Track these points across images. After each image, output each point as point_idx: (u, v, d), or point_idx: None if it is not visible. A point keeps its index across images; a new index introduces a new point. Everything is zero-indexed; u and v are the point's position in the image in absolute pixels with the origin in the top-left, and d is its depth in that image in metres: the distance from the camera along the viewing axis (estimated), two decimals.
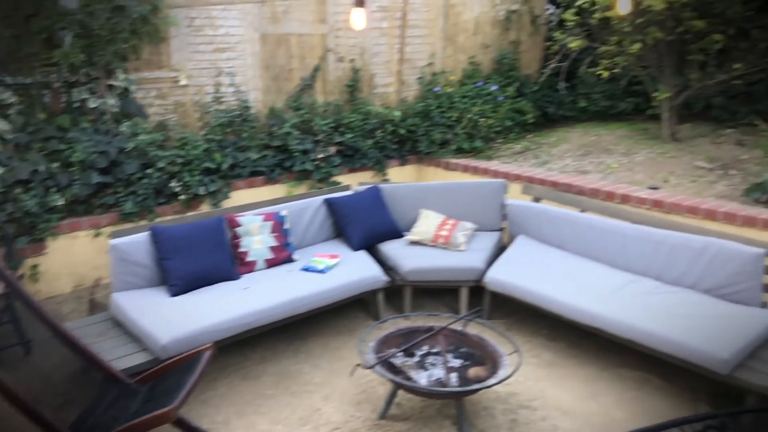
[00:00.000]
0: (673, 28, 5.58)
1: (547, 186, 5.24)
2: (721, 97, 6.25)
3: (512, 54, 7.18)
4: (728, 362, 3.25)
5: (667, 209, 4.54)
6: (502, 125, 6.52)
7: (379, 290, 4.43)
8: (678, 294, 3.88)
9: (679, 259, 4.00)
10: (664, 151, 5.69)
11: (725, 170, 5.13)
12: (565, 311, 3.96)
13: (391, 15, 6.46)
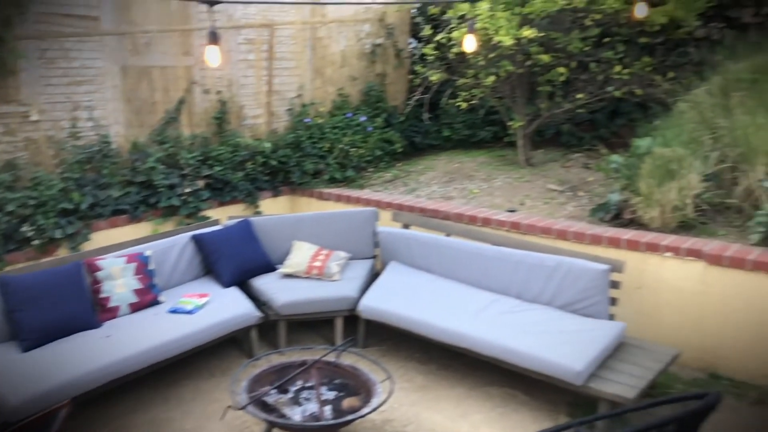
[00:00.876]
0: (522, 62, 6.03)
1: (416, 212, 5.43)
2: (568, 124, 6.80)
3: (379, 86, 7.41)
4: (582, 374, 3.51)
5: (524, 230, 4.85)
6: (373, 155, 6.69)
7: (253, 327, 4.36)
8: (536, 311, 4.15)
9: (536, 278, 4.28)
10: (520, 175, 6.10)
11: (574, 192, 5.58)
12: (434, 334, 4.11)
13: (258, 47, 6.47)
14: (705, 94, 5.11)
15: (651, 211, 4.48)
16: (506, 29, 5.29)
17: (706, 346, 4.10)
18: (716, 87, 5.09)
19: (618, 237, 4.40)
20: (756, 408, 3.70)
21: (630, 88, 5.91)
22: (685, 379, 4.04)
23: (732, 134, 4.61)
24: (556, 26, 5.89)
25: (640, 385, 3.49)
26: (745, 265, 3.87)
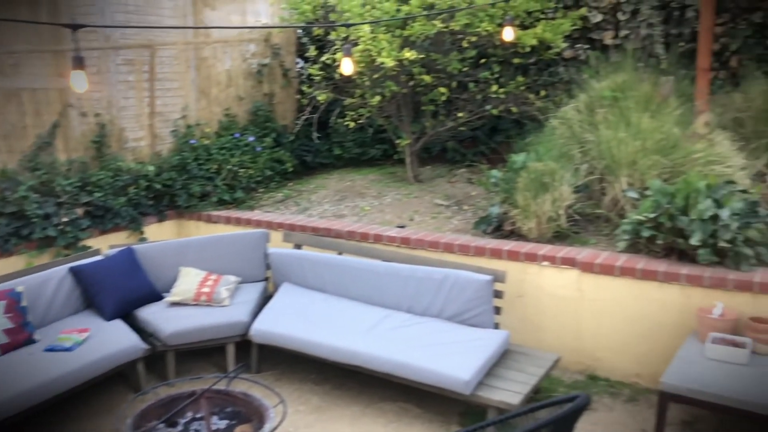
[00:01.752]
0: (406, 82, 6.21)
1: (308, 232, 5.43)
2: (453, 141, 7.07)
3: (267, 106, 7.37)
4: (470, 383, 3.65)
5: (414, 245, 4.98)
6: (263, 175, 6.63)
7: (139, 360, 4.18)
8: (426, 324, 4.27)
9: (425, 291, 4.41)
10: (409, 192, 6.26)
11: (460, 206, 5.79)
12: (328, 354, 4.12)
13: (138, 68, 6.25)
14: (573, 111, 5.48)
15: (528, 222, 4.73)
16: (388, 51, 5.43)
17: (583, 349, 4.38)
18: (583, 104, 5.48)
19: (499, 248, 4.62)
20: (629, 405, 3.98)
21: (506, 106, 6.23)
22: (567, 382, 4.29)
23: (598, 148, 4.97)
24: (437, 48, 6.13)
25: (524, 390, 3.67)
26: (614, 271, 4.17)
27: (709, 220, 3.88)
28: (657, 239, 4.09)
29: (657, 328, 4.05)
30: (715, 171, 4.39)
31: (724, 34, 5.94)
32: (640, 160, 4.61)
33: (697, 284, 3.88)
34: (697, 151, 4.47)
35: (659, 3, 6.23)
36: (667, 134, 4.61)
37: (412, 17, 5.57)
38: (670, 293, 3.99)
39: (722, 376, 3.31)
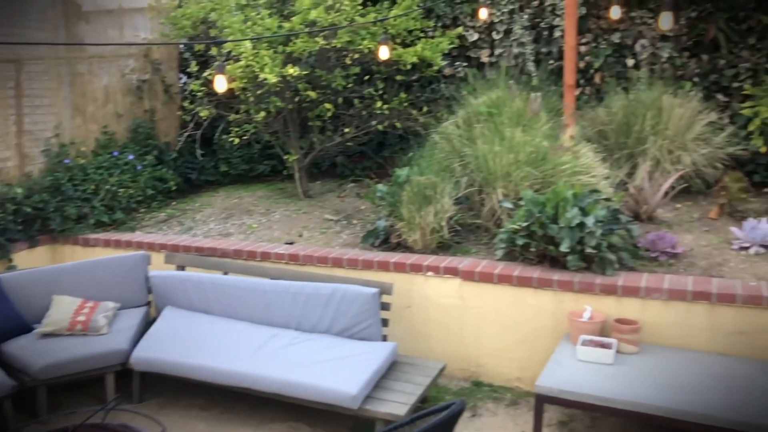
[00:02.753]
0: (291, 98, 6.20)
1: (192, 252, 5.28)
2: (342, 156, 7.12)
3: (148, 123, 7.11)
4: (357, 397, 3.67)
5: (302, 262, 4.96)
6: (144, 194, 6.39)
7: (5, 398, 3.88)
8: (315, 341, 4.25)
9: (314, 308, 4.40)
10: (298, 207, 6.23)
11: (349, 221, 5.84)
12: (214, 377, 4.02)
13: (3, 85, 5.85)
14: (453, 126, 5.69)
15: (413, 234, 4.84)
16: (270, 67, 5.40)
17: (468, 356, 4.53)
18: (461, 120, 5.70)
19: (387, 260, 4.69)
20: (511, 409, 4.15)
21: (391, 122, 6.37)
22: (453, 389, 4.41)
23: (476, 161, 5.18)
24: (322, 64, 6.17)
25: (411, 401, 3.74)
26: (493, 278, 4.35)
27: (576, 227, 4.14)
28: (531, 247, 4.31)
29: (534, 333, 4.26)
30: (581, 181, 4.69)
31: (588, 52, 6.39)
32: (513, 172, 4.85)
33: (568, 289, 4.12)
34: (565, 163, 4.77)
35: (530, 23, 6.60)
36: (537, 147, 4.88)
37: (294, 34, 5.59)
38: (544, 299, 4.21)
39: (591, 377, 3.53)
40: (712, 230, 4.71)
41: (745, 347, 3.67)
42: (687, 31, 6.06)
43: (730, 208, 4.96)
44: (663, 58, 6.10)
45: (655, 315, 3.88)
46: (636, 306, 3.94)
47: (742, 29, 5.86)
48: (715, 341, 3.74)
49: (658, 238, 4.33)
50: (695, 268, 4.14)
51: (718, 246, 4.40)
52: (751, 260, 4.14)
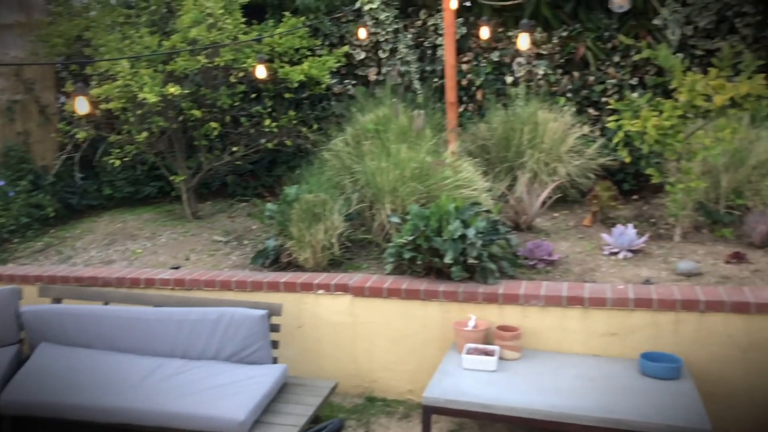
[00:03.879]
0: (175, 118, 6.03)
1: (71, 283, 4.99)
2: (233, 175, 6.99)
3: (21, 146, 6.69)
4: (245, 423, 3.58)
5: (189, 286, 4.80)
6: (18, 223, 6.00)
7: None
8: (201, 368, 4.11)
9: (200, 334, 4.26)
10: (186, 230, 6.05)
11: (239, 241, 5.72)
12: (93, 415, 3.80)
13: None
14: (342, 143, 5.73)
15: (304, 252, 4.82)
16: (150, 86, 5.23)
17: (360, 372, 4.54)
18: (350, 137, 5.75)
19: (277, 281, 4.63)
20: (403, 422, 4.19)
21: (280, 139, 6.33)
22: (347, 407, 4.40)
23: (365, 177, 5.23)
24: (207, 83, 6.05)
25: (300, 423, 3.69)
26: (382, 293, 4.39)
27: (458, 239, 4.26)
28: (417, 260, 4.39)
29: (423, 345, 4.33)
30: (463, 194, 4.84)
31: (469, 70, 6.64)
32: (400, 187, 4.94)
33: (453, 299, 4.23)
34: (447, 177, 4.91)
35: (414, 43, 6.79)
36: (421, 163, 5.00)
37: (175, 52, 5.44)
38: (431, 310, 4.30)
39: (475, 384, 3.64)
40: (586, 237, 4.99)
41: (616, 348, 3.90)
42: (559, 49, 6.43)
43: (602, 215, 5.28)
44: (539, 75, 6.44)
45: (535, 321, 4.05)
46: (517, 313, 4.09)
47: (608, 48, 6.29)
48: (589, 343, 3.94)
49: (536, 246, 4.54)
50: (570, 274, 4.36)
51: (591, 252, 4.67)
52: (620, 264, 4.42)
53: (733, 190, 4.94)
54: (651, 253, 4.55)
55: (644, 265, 4.36)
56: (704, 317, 3.72)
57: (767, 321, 3.61)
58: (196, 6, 5.49)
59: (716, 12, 5.90)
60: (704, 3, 5.90)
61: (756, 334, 3.63)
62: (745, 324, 3.65)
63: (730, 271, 4.15)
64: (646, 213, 5.47)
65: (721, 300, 3.69)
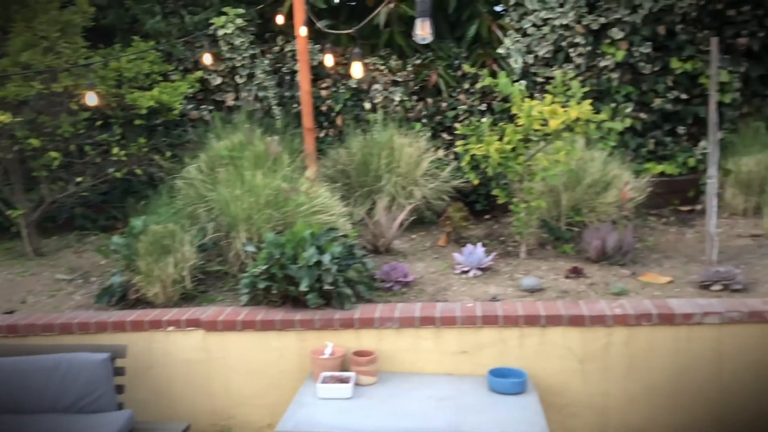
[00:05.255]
0: (10, 147, 5.55)
1: None
2: (81, 207, 6.54)
3: None
4: None
5: (24, 333, 4.38)
6: None
7: None
8: (36, 423, 3.73)
9: (34, 385, 3.87)
10: (25, 269, 5.55)
11: (85, 279, 5.33)
12: None
13: None
14: (196, 170, 5.53)
15: (153, 288, 4.56)
16: None
17: (217, 409, 4.33)
18: (204, 164, 5.57)
19: (123, 320, 4.34)
20: None
21: (130, 168, 6.01)
22: None
23: (220, 206, 5.07)
24: (47, 109, 5.63)
25: None
26: (236, 326, 4.24)
27: (314, 266, 4.21)
28: (272, 289, 4.29)
29: (281, 376, 4.22)
30: (321, 220, 4.82)
31: (329, 96, 6.68)
32: (255, 215, 4.83)
33: (310, 328, 4.16)
34: (304, 203, 4.87)
35: (272, 68, 6.73)
36: (277, 189, 4.93)
37: (5, 77, 5.03)
38: (288, 340, 4.20)
39: (329, 413, 3.58)
40: (440, 257, 5.13)
41: (467, 365, 4.00)
42: (414, 76, 6.64)
43: (455, 235, 5.46)
44: (395, 101, 6.60)
45: (390, 343, 4.08)
46: (373, 337, 4.10)
47: (458, 75, 6.57)
48: (442, 363, 4.02)
49: (392, 268, 4.59)
50: (424, 294, 4.45)
51: (444, 272, 4.79)
52: (470, 283, 4.56)
53: (572, 207, 5.28)
54: (499, 271, 4.75)
55: (492, 282, 4.54)
56: (546, 331, 3.91)
57: (600, 332, 3.86)
58: (29, 29, 5.11)
59: (553, 42, 6.35)
60: (542, 34, 6.34)
61: (591, 344, 3.87)
62: (581, 336, 3.87)
63: (569, 285, 4.41)
64: (497, 232, 5.73)
65: (560, 314, 3.90)
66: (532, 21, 6.36)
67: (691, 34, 6.24)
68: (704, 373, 3.80)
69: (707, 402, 3.82)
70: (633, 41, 6.23)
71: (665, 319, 3.80)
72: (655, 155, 6.36)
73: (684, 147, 6.37)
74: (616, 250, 4.75)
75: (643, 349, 3.83)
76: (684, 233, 5.52)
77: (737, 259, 4.73)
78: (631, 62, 6.28)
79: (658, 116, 6.38)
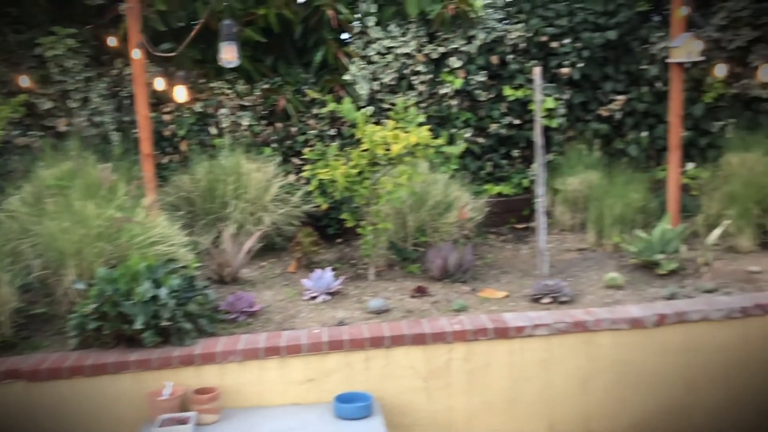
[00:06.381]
0: None
1: None
2: None
3: None
4: None
5: None
6: None
7: None
8: None
9: None
10: None
11: None
12: None
13: None
14: (19, 202, 5.06)
15: None
16: None
17: None
18: (30, 194, 5.12)
19: None
20: None
21: None
22: None
23: (47, 240, 4.66)
24: None
25: None
26: (63, 373, 3.88)
27: (150, 301, 3.97)
28: (104, 329, 3.99)
29: (116, 425, 3.90)
30: (159, 251, 4.58)
31: (172, 121, 6.42)
32: (86, 248, 4.49)
33: (147, 368, 3.90)
34: (140, 234, 4.60)
35: (109, 92, 6.37)
36: (109, 220, 4.62)
37: None
38: (124, 384, 3.90)
39: None
40: (290, 284, 5.06)
41: (314, 394, 3.94)
42: (262, 101, 6.56)
43: (306, 260, 5.42)
44: (243, 125, 6.48)
45: (234, 378, 3.93)
46: (215, 372, 3.93)
47: (307, 101, 6.59)
48: (288, 393, 3.93)
49: (237, 299, 4.45)
50: (271, 323, 4.35)
51: (293, 299, 4.73)
52: (319, 308, 4.53)
53: (417, 228, 5.44)
54: (348, 294, 4.76)
55: (341, 306, 4.54)
56: (390, 352, 3.96)
57: (442, 349, 3.97)
58: None
59: (397, 70, 6.56)
60: (386, 62, 6.53)
61: (433, 362, 3.97)
62: (424, 354, 3.96)
63: (414, 304, 4.51)
64: (348, 255, 5.77)
65: (403, 334, 3.97)
66: (377, 49, 6.54)
67: (521, 63, 6.72)
68: (536, 383, 4.02)
69: (539, 410, 4.04)
70: (470, 70, 6.59)
71: (500, 333, 3.99)
72: (493, 177, 6.75)
73: (519, 169, 6.82)
74: (457, 268, 4.94)
75: (481, 364, 3.99)
76: (520, 249, 5.87)
77: (566, 272, 5.09)
78: (468, 90, 6.64)
79: (495, 140, 6.78)
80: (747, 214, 5.35)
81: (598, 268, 5.12)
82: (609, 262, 5.27)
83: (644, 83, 6.79)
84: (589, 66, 6.72)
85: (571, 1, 6.80)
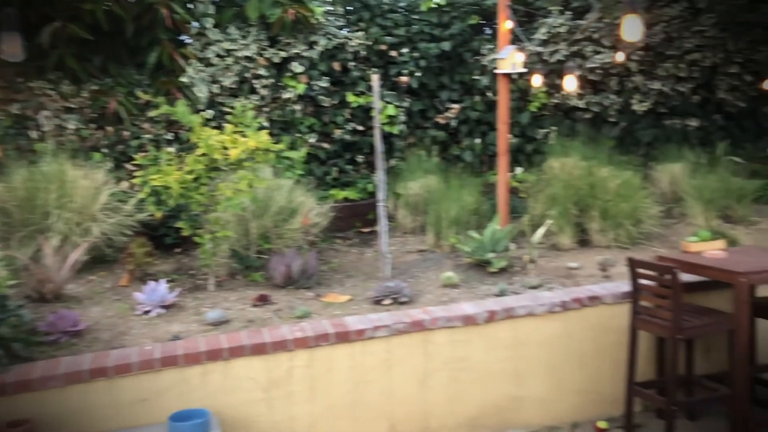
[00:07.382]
0: None
1: None
2: None
3: None
4: None
5: None
6: None
7: None
8: None
9: None
10: None
11: None
12: None
13: None
14: None
15: None
16: None
17: None
18: None
19: None
20: None
21: None
22: None
23: None
24: None
25: None
26: None
27: None
28: None
29: None
30: None
31: None
32: None
33: None
34: None
35: None
36: None
37: None
38: None
39: None
40: (122, 298, 4.74)
41: (147, 414, 3.71)
42: (90, 103, 6.11)
43: (140, 272, 5.11)
44: (69, 129, 5.99)
45: (55, 406, 3.58)
46: (33, 401, 3.54)
47: (141, 103, 6.22)
48: (118, 417, 3.66)
49: (58, 318, 4.08)
50: (99, 342, 4.04)
51: (124, 314, 4.43)
52: (152, 323, 4.28)
53: (261, 235, 5.34)
54: (184, 307, 4.55)
55: (177, 320, 4.33)
56: (229, 364, 3.83)
57: (283, 357, 3.91)
58: None
59: (237, 73, 6.41)
60: (226, 65, 6.36)
61: (274, 371, 3.89)
62: (264, 364, 3.88)
63: (255, 314, 4.41)
64: (187, 265, 5.53)
65: (242, 344, 3.86)
66: (216, 51, 6.35)
67: (362, 71, 6.85)
68: (377, 385, 4.09)
69: (381, 411, 4.11)
70: (312, 75, 6.61)
71: (341, 337, 4.01)
72: (339, 182, 6.82)
73: (363, 174, 6.94)
74: (301, 274, 4.91)
75: (323, 369, 3.98)
76: (365, 253, 5.97)
77: (407, 274, 5.25)
78: (312, 95, 6.65)
79: (340, 146, 6.85)
80: (567, 214, 5.84)
81: (436, 269, 5.33)
82: (446, 262, 5.50)
83: (477, 93, 7.21)
84: (426, 75, 7.00)
85: (409, 12, 7.04)
